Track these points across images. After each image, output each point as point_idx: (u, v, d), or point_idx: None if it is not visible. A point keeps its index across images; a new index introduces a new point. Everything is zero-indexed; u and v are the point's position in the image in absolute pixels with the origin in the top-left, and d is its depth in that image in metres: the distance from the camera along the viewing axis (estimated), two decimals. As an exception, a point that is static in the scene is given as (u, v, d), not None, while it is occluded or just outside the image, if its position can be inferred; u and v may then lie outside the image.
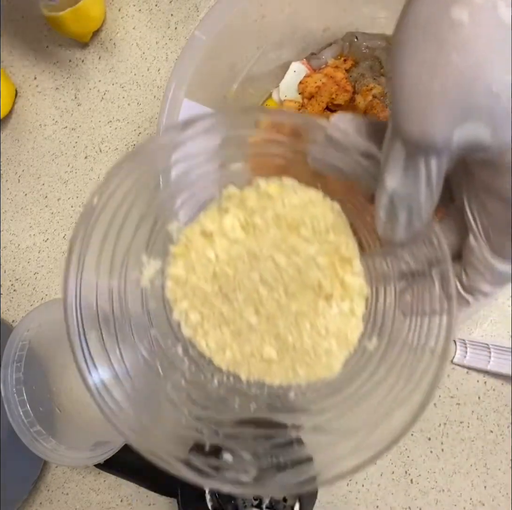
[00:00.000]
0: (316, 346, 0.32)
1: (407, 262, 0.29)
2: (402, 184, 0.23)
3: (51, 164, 0.59)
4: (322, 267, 0.31)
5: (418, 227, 0.25)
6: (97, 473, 0.54)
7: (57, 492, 0.56)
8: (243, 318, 0.33)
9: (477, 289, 0.27)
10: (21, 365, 0.49)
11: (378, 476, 0.47)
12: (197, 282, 0.33)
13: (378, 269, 0.31)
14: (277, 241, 0.31)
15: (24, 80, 0.61)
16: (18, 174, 0.60)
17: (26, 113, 0.60)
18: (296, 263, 0.31)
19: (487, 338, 0.45)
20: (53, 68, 0.60)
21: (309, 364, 0.33)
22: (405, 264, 0.29)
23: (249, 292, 0.32)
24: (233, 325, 0.33)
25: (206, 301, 0.33)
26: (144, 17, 0.57)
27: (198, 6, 0.55)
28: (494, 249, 0.25)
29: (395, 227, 0.25)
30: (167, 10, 0.56)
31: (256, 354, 0.33)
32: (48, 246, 0.58)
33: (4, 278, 0.59)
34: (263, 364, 0.33)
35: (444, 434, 0.45)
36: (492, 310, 0.45)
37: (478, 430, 0.45)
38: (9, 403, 0.48)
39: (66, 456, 0.48)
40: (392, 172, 0.23)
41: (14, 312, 0.59)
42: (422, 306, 0.28)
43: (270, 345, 0.33)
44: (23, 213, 0.59)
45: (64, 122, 0.59)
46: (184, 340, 0.34)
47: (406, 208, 0.24)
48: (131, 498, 0.53)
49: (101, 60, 0.58)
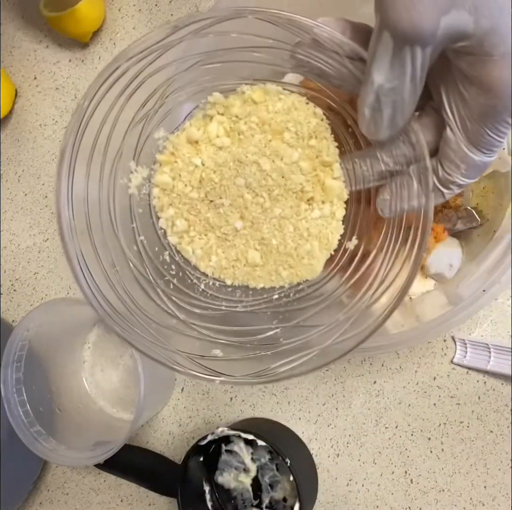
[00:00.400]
0: (298, 248, 0.34)
1: (386, 163, 0.30)
2: (388, 78, 0.24)
3: (51, 164, 0.59)
4: (304, 172, 0.32)
5: (400, 124, 0.26)
6: (97, 473, 0.54)
7: (57, 492, 0.56)
8: (228, 223, 0.34)
9: (452, 182, 0.28)
10: (21, 365, 0.49)
11: (378, 476, 0.47)
12: (183, 189, 0.34)
13: (357, 172, 0.32)
14: (262, 147, 0.32)
15: (24, 80, 0.61)
16: (18, 174, 0.60)
17: (26, 113, 0.60)
18: (280, 167, 0.32)
19: (487, 338, 0.45)
20: (53, 68, 0.60)
21: (292, 266, 0.34)
22: (385, 164, 0.30)
23: (234, 197, 0.33)
24: (218, 231, 0.34)
25: (192, 208, 0.34)
26: (144, 17, 0.57)
27: (198, 6, 0.55)
28: (471, 140, 0.26)
29: (379, 124, 0.26)
30: (167, 10, 0.56)
31: (241, 258, 0.35)
32: (48, 246, 0.58)
33: (4, 278, 0.59)
34: (247, 268, 0.35)
35: (444, 434, 0.45)
36: (492, 310, 0.45)
37: (478, 430, 0.45)
38: (9, 403, 0.48)
39: (66, 456, 0.48)
40: (379, 67, 0.24)
41: (14, 312, 0.59)
42: (401, 204, 0.30)
43: (255, 249, 0.34)
44: (23, 213, 0.59)
45: (64, 122, 0.59)
46: (170, 248, 0.36)
47: (391, 104, 0.25)
48: (131, 498, 0.53)
49: (101, 60, 0.58)
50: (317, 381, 0.49)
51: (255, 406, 0.50)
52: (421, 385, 0.46)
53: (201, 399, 0.52)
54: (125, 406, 0.55)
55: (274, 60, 0.31)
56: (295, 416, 0.49)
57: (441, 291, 0.42)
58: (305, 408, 0.49)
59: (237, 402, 0.51)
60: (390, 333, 0.39)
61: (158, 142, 0.35)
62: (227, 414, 0.51)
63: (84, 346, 0.56)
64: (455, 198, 0.41)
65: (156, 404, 0.52)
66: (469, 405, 0.45)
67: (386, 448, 0.47)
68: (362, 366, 0.47)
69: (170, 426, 0.53)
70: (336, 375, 0.48)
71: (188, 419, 0.52)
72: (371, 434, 0.47)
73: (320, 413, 0.49)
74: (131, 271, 0.35)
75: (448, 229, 0.41)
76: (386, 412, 0.47)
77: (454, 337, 0.45)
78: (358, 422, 0.47)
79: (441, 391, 0.45)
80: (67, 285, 0.57)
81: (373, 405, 0.47)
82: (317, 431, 0.49)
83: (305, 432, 0.49)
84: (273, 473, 0.47)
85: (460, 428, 0.45)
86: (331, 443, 0.48)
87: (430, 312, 0.40)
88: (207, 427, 0.52)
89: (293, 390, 0.49)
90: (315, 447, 0.48)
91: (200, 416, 0.52)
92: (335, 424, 0.48)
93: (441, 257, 0.41)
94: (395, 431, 0.46)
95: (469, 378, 0.45)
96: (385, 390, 0.47)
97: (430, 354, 0.46)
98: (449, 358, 0.45)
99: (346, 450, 0.48)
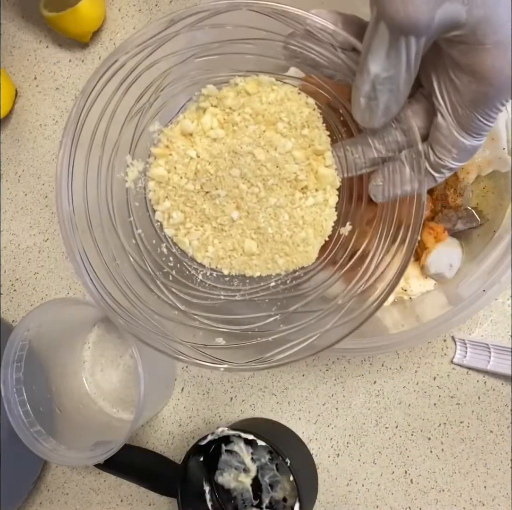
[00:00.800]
0: (294, 236, 0.34)
1: (379, 150, 0.30)
2: (384, 68, 0.25)
3: (51, 164, 0.59)
4: (298, 161, 0.33)
5: (395, 111, 0.27)
6: (97, 473, 0.54)
7: (57, 492, 0.56)
8: (225, 213, 0.34)
9: (443, 166, 0.29)
10: (21, 365, 0.49)
11: (378, 476, 0.47)
12: (178, 182, 0.34)
13: (349, 159, 0.32)
14: (256, 137, 0.33)
15: (24, 80, 0.61)
16: (18, 174, 0.60)
17: (26, 113, 0.60)
18: (274, 157, 0.33)
19: (487, 338, 0.45)
20: (53, 68, 0.60)
21: (287, 254, 0.35)
22: (377, 151, 0.30)
23: (230, 188, 0.34)
24: (215, 221, 0.35)
25: (188, 199, 0.35)
26: (144, 17, 0.57)
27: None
28: (462, 125, 0.27)
29: (374, 113, 0.27)
30: (167, 10, 0.56)
31: (238, 248, 0.35)
32: (48, 246, 0.58)
33: (4, 278, 0.59)
34: (244, 258, 0.35)
35: (444, 434, 0.45)
36: (492, 310, 0.45)
37: (478, 430, 0.45)
38: (9, 403, 0.48)
39: (66, 456, 0.48)
40: (375, 58, 0.24)
41: (14, 312, 0.59)
42: (394, 189, 0.30)
43: (251, 238, 0.35)
44: (23, 213, 0.59)
45: (64, 122, 0.59)
46: (167, 240, 0.36)
47: (387, 93, 0.26)
48: (131, 498, 0.53)
49: (101, 60, 0.58)
50: (317, 381, 0.49)
51: (255, 406, 0.50)
52: (421, 385, 0.46)
53: (201, 399, 0.52)
54: (125, 406, 0.55)
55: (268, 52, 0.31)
56: (295, 416, 0.49)
57: (441, 291, 0.42)
58: (305, 408, 0.49)
59: (237, 402, 0.51)
60: (390, 333, 0.39)
61: (153, 136, 0.35)
62: (227, 414, 0.51)
63: (84, 346, 0.56)
64: (455, 198, 0.41)
65: (156, 404, 0.52)
66: (469, 405, 0.45)
67: (386, 448, 0.47)
68: (362, 366, 0.47)
69: (170, 426, 0.53)
70: (336, 375, 0.48)
71: (188, 419, 0.52)
72: (371, 434, 0.47)
73: (320, 413, 0.49)
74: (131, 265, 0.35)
75: (448, 229, 0.41)
76: (386, 412, 0.47)
77: (454, 337, 0.45)
78: (358, 422, 0.47)
79: (441, 391, 0.46)
80: (67, 285, 0.57)
81: (373, 405, 0.47)
82: (317, 431, 0.49)
83: (305, 432, 0.49)
84: (273, 473, 0.47)
85: (460, 428, 0.45)
86: (331, 443, 0.48)
87: (430, 312, 0.40)
88: (207, 427, 0.52)
89: (293, 390, 0.49)
90: (315, 447, 0.48)
91: (200, 416, 0.52)
92: (335, 424, 0.48)
93: (441, 257, 0.41)
94: (395, 431, 0.46)
95: (469, 378, 0.45)
96: (385, 390, 0.47)
97: (430, 354, 0.46)
98: (449, 358, 0.45)
99: (346, 450, 0.48)
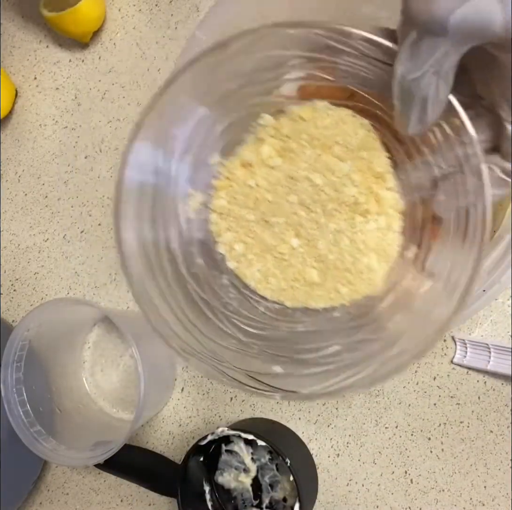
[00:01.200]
0: (356, 262, 0.33)
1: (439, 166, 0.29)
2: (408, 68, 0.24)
3: (51, 164, 0.59)
4: (357, 184, 0.32)
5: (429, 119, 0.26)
6: (97, 473, 0.54)
7: (57, 492, 0.56)
8: (284, 241, 0.34)
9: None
10: (21, 365, 0.49)
11: (378, 476, 0.47)
12: (239, 212, 0.34)
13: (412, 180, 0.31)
14: (312, 162, 0.32)
15: (24, 80, 0.61)
16: (18, 174, 0.60)
17: (26, 113, 0.60)
18: (332, 181, 0.32)
19: (487, 338, 0.45)
20: (53, 68, 0.60)
21: (351, 282, 0.33)
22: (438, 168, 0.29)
23: (288, 215, 0.33)
24: (275, 251, 0.34)
25: (249, 230, 0.34)
26: (144, 17, 0.57)
27: (198, 6, 0.55)
28: None
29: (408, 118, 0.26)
30: (167, 10, 0.56)
31: (299, 278, 0.34)
32: (48, 246, 0.58)
33: (4, 278, 0.59)
34: (306, 288, 0.34)
35: (444, 434, 0.45)
36: (492, 310, 0.45)
37: (478, 430, 0.45)
38: (9, 403, 0.48)
39: (66, 456, 0.48)
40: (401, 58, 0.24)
41: (14, 312, 0.59)
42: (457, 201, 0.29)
43: (312, 267, 0.34)
44: (23, 213, 0.59)
45: (64, 122, 0.59)
46: (229, 273, 0.35)
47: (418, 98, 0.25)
48: (131, 498, 0.53)
49: (101, 60, 0.58)
50: (317, 381, 0.49)
51: (255, 406, 0.50)
52: (421, 385, 0.46)
53: (201, 399, 0.52)
54: (125, 406, 0.55)
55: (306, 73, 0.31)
56: (295, 416, 0.49)
57: (441, 291, 0.42)
58: (305, 408, 0.49)
59: (237, 402, 0.51)
60: (390, 333, 0.39)
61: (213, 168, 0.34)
62: (227, 414, 0.51)
63: (84, 346, 0.56)
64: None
65: (156, 404, 0.52)
66: (469, 405, 0.45)
67: (386, 448, 0.47)
68: (362, 366, 0.47)
69: (170, 426, 0.53)
70: (336, 375, 0.48)
71: (188, 419, 0.52)
72: (371, 434, 0.47)
73: (320, 413, 0.49)
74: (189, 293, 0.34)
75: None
76: (386, 412, 0.47)
77: (454, 337, 0.45)
78: (358, 422, 0.47)
79: (441, 391, 0.46)
80: (67, 285, 0.57)
81: (373, 405, 0.47)
82: (317, 431, 0.49)
83: (305, 432, 0.49)
84: (273, 473, 0.47)
85: (460, 428, 0.45)
86: (331, 443, 0.48)
87: (430, 312, 0.39)
88: (207, 427, 0.52)
89: (293, 390, 0.49)
90: (315, 447, 0.48)
91: (200, 416, 0.52)
92: (335, 424, 0.48)
93: (441, 257, 0.41)
94: (395, 431, 0.46)
95: (469, 378, 0.45)
96: (385, 390, 0.47)
97: (430, 354, 0.46)
98: (449, 358, 0.45)
99: (346, 450, 0.48)
